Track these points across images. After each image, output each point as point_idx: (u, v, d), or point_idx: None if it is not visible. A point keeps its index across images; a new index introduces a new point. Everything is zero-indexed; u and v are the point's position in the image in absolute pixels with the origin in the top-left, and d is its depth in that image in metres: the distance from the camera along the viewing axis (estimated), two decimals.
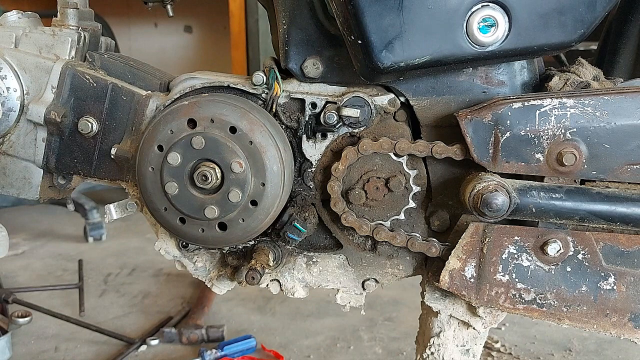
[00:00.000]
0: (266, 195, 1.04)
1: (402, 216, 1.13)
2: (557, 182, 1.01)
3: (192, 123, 1.03)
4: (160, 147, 1.05)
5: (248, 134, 1.03)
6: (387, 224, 1.14)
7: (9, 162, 1.17)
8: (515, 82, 1.08)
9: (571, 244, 1.03)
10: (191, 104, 1.05)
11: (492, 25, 0.98)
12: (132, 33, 4.79)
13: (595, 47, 1.40)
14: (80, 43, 1.17)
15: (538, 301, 1.05)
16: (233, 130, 1.03)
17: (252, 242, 1.16)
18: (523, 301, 1.05)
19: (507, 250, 1.04)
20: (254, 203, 1.04)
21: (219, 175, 1.03)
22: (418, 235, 1.13)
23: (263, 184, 1.03)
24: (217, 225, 1.07)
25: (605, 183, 1.02)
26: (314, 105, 1.11)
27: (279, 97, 1.11)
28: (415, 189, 1.12)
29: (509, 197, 0.99)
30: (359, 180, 1.12)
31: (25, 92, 1.14)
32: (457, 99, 1.08)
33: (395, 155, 1.10)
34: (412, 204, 1.13)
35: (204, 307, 2.14)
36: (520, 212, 1.01)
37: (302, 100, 1.12)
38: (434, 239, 1.11)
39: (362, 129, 1.11)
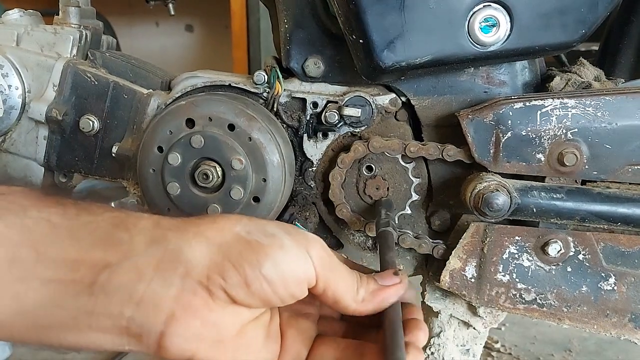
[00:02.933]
0: (268, 191, 1.04)
1: (407, 211, 1.13)
2: (558, 183, 1.01)
3: (190, 122, 1.03)
4: (160, 149, 1.05)
5: (247, 130, 1.02)
6: None
7: (10, 160, 1.17)
8: (516, 82, 1.08)
9: (572, 244, 1.02)
10: (188, 104, 1.05)
11: (493, 25, 0.98)
12: (134, 32, 4.78)
13: (596, 48, 1.40)
14: (82, 41, 1.17)
15: (538, 301, 1.05)
16: (231, 127, 1.02)
17: None
18: (523, 301, 1.05)
19: (507, 250, 1.04)
20: (256, 199, 1.04)
21: (219, 173, 1.03)
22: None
23: (264, 180, 1.03)
24: None
25: (606, 183, 1.02)
26: (315, 104, 1.11)
27: (280, 96, 1.11)
28: (416, 187, 1.12)
29: (510, 197, 0.99)
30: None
31: (26, 90, 1.15)
32: (458, 98, 1.08)
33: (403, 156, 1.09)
34: (414, 201, 1.13)
35: None
36: (521, 212, 1.01)
37: (304, 100, 1.12)
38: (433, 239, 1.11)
39: (363, 128, 1.11)
